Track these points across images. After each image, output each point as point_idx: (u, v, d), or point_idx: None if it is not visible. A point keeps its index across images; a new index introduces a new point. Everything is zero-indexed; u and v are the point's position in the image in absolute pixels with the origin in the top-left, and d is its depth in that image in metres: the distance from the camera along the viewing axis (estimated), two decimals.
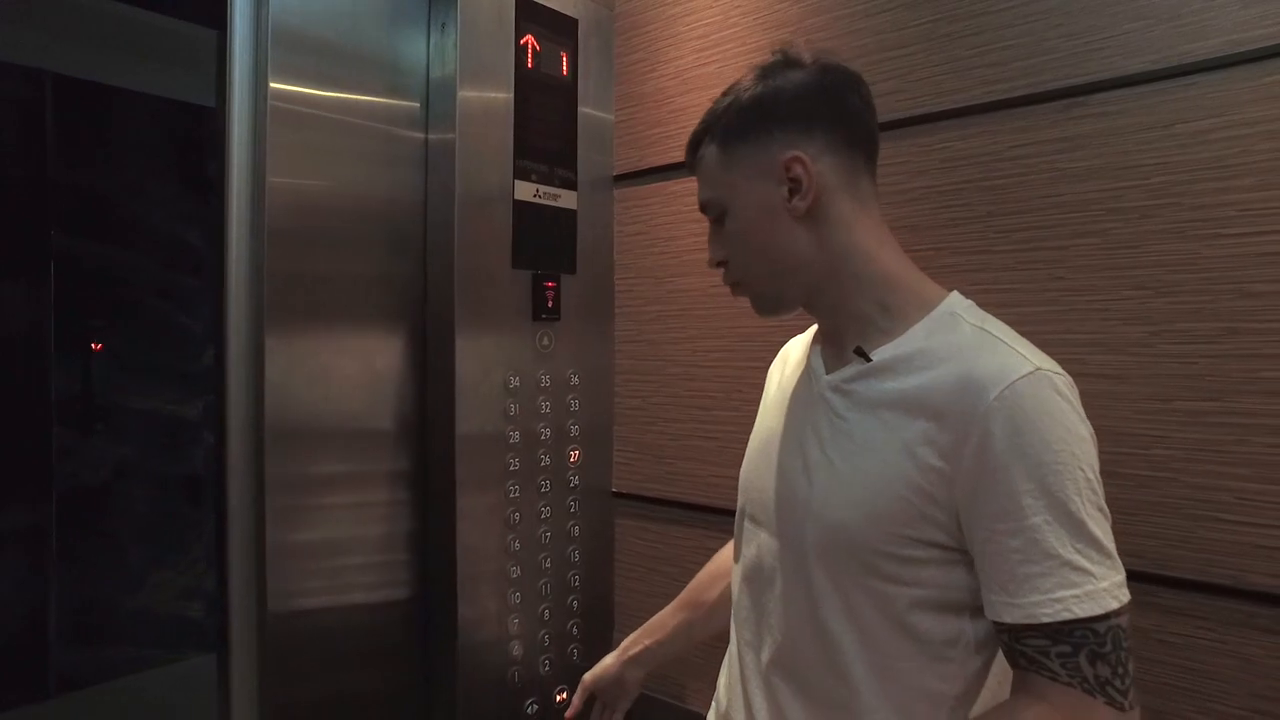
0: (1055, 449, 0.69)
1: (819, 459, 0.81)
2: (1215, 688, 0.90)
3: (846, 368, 0.82)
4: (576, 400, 1.41)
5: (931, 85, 1.10)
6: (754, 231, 0.83)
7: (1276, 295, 0.86)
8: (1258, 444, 0.87)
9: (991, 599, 0.71)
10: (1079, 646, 0.66)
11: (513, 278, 1.31)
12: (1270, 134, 0.87)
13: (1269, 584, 0.87)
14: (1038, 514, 0.68)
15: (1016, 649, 0.69)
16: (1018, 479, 0.68)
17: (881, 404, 0.77)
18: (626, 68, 1.47)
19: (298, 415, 1.14)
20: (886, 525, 0.74)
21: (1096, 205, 0.97)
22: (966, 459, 0.70)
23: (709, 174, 0.86)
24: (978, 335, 0.76)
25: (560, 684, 1.38)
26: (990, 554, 0.70)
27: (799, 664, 0.82)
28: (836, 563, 0.78)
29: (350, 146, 1.20)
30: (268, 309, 1.10)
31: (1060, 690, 0.67)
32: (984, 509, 0.70)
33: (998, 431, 0.69)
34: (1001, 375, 0.70)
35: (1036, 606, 0.67)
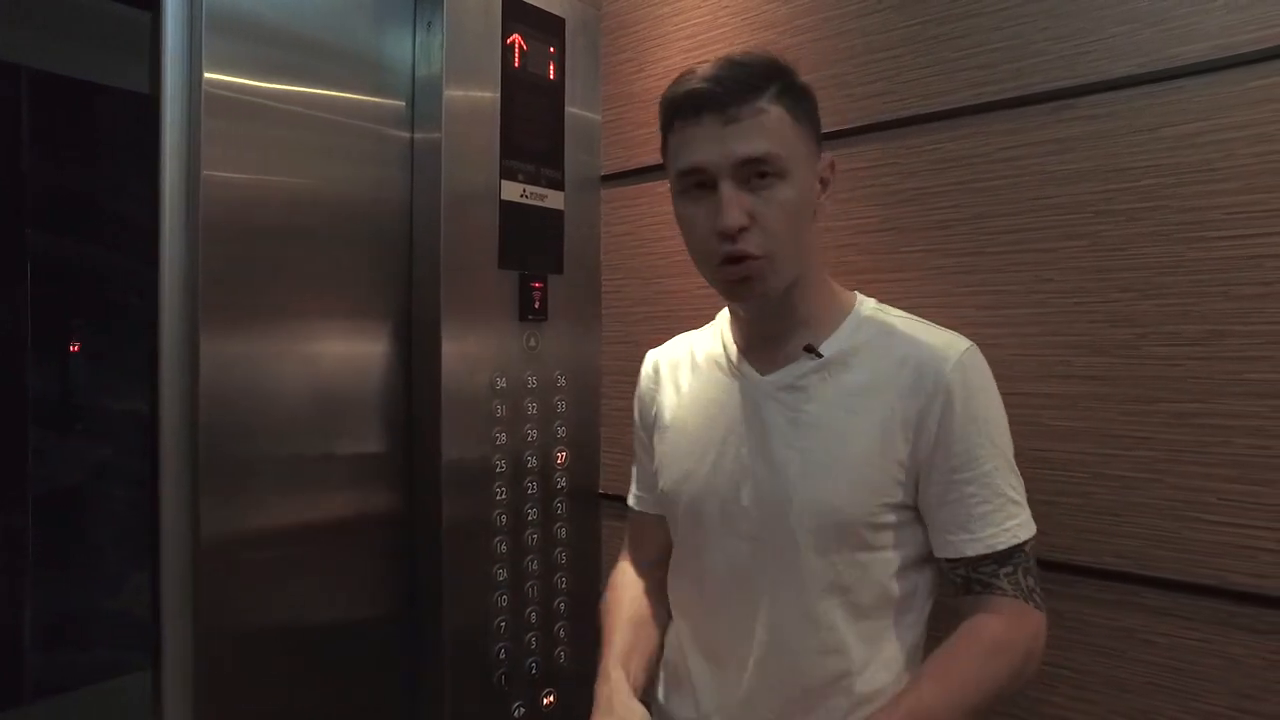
0: (997, 408, 0.88)
1: (787, 454, 0.88)
2: (1199, 686, 0.91)
3: (792, 366, 0.90)
4: (563, 401, 1.40)
5: (921, 87, 1.10)
6: (804, 204, 0.86)
7: (1262, 298, 0.87)
8: (1240, 445, 0.88)
9: (951, 539, 0.85)
10: (1017, 565, 0.84)
11: (499, 278, 1.30)
12: (1256, 138, 0.87)
13: (1251, 584, 0.88)
14: (989, 461, 0.84)
15: (972, 577, 0.85)
16: (973, 435, 0.84)
17: (845, 394, 0.87)
18: (614, 67, 1.46)
19: (240, 418, 1.07)
20: (872, 498, 0.85)
21: (1085, 208, 0.97)
22: (931, 425, 0.84)
23: (776, 130, 0.82)
24: (904, 322, 0.91)
25: (547, 687, 1.37)
26: (951, 501, 0.84)
27: (791, 653, 0.87)
28: (830, 543, 0.86)
29: (326, 143, 1.18)
30: (202, 307, 1.03)
31: (1007, 602, 0.83)
32: (946, 464, 0.84)
33: (957, 399, 0.84)
34: (947, 352, 0.86)
35: (993, 537, 0.83)
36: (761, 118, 0.82)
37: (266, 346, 1.11)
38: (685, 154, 0.85)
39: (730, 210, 0.81)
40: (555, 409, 1.39)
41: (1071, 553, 0.97)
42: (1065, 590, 0.98)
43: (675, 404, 1.01)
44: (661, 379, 1.05)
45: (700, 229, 0.86)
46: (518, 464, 1.33)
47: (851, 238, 1.17)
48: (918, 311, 1.09)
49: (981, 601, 0.84)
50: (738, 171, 0.82)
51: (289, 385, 1.14)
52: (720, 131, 0.82)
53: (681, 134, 0.85)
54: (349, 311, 1.21)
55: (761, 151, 0.81)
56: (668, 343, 1.10)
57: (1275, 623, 0.86)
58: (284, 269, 1.13)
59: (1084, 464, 0.97)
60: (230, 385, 1.07)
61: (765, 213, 0.82)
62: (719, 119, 0.82)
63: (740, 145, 0.81)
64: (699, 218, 0.86)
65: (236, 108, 1.07)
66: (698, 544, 0.96)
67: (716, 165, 0.82)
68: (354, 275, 1.22)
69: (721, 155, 0.82)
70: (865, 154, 1.15)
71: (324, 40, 1.17)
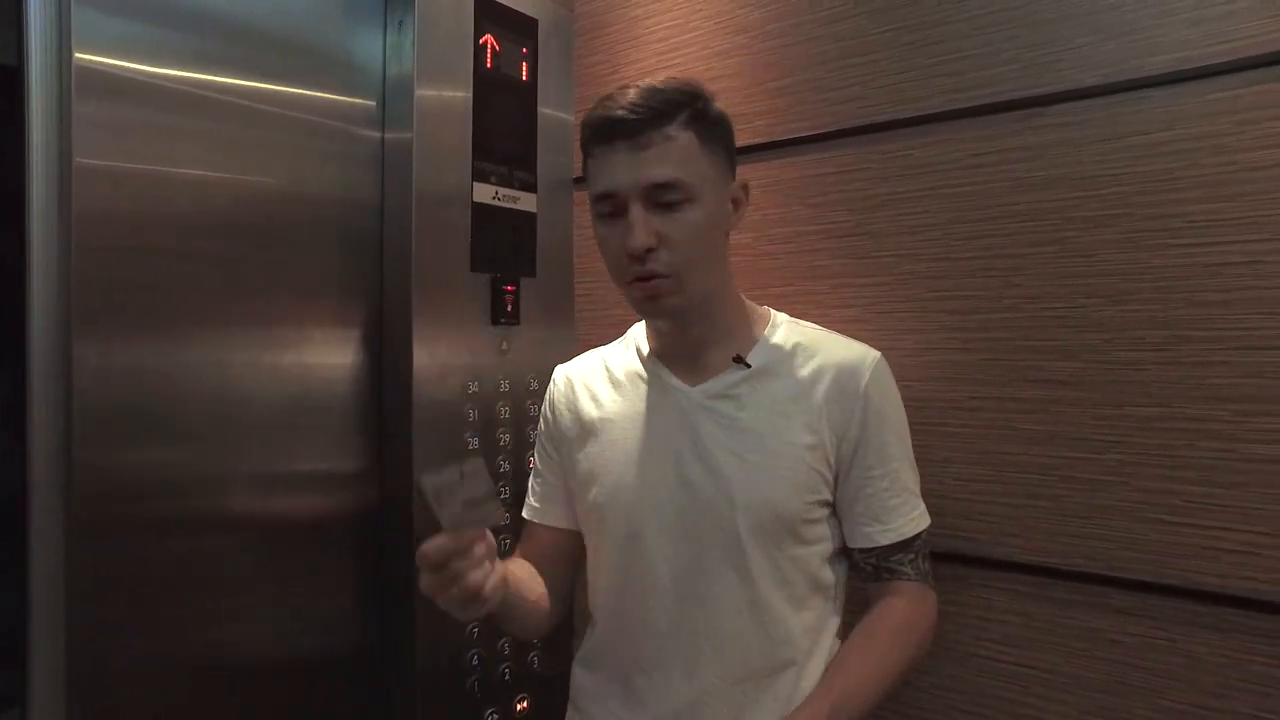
0: (901, 411, 0.98)
1: (726, 459, 0.93)
2: (1164, 685, 0.93)
3: (721, 376, 0.96)
4: (536, 406, 1.39)
5: (894, 93, 1.11)
6: (711, 227, 0.90)
7: (1222, 305, 0.89)
8: (1204, 449, 0.90)
9: (866, 530, 0.94)
10: (918, 552, 0.95)
11: (471, 281, 1.29)
12: (1216, 148, 0.90)
13: (1215, 584, 0.90)
14: (896, 459, 0.94)
15: (882, 566, 0.94)
16: (885, 436, 0.94)
17: (775, 401, 0.94)
18: (587, 69, 1.46)
19: (116, 420, 0.98)
20: (804, 495, 0.92)
21: (1054, 215, 0.99)
22: (852, 429, 0.93)
23: (683, 156, 0.87)
24: (820, 335, 1.00)
25: (521, 692, 1.36)
26: (865, 495, 0.93)
27: (743, 647, 0.92)
28: (770, 538, 0.92)
29: (284, 140, 1.15)
30: (74, 312, 0.94)
31: (911, 585, 0.94)
32: (863, 462, 0.93)
33: (873, 405, 0.93)
34: (863, 361, 0.95)
35: (902, 526, 0.93)
36: (669, 144, 0.86)
37: (196, 353, 1.05)
38: (600, 179, 0.90)
39: (637, 233, 0.86)
40: (528, 413, 1.38)
41: (1044, 555, 0.99)
42: (1038, 593, 1.00)
43: (597, 416, 1.03)
44: (576, 392, 1.07)
45: (613, 249, 0.90)
46: (491, 468, 1.31)
47: (823, 242, 1.17)
48: (888, 316, 1.11)
49: (888, 587, 0.95)
50: (646, 195, 0.86)
51: (229, 393, 1.09)
52: (631, 158, 0.86)
53: (597, 159, 0.90)
54: (309, 316, 1.18)
55: (668, 177, 0.86)
56: (576, 358, 1.13)
57: (1237, 622, 0.88)
58: (232, 270, 1.09)
59: (1055, 467, 0.98)
60: (113, 396, 0.97)
61: (672, 234, 0.87)
62: (630, 145, 0.86)
63: (648, 171, 0.86)
64: (612, 238, 0.90)
65: (146, 94, 1.00)
66: (631, 551, 0.97)
67: (626, 190, 0.87)
68: (318, 278, 1.19)
69: (630, 180, 0.86)
70: (838, 158, 1.16)
71: (277, 33, 1.14)
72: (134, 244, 1.00)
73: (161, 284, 1.02)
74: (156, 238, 1.02)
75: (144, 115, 1.01)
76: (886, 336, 1.10)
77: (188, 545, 1.05)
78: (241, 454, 1.11)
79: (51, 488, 0.94)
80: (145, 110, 1.01)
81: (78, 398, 0.94)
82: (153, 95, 1.02)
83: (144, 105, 1.01)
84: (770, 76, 1.23)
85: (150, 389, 1.01)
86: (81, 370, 0.95)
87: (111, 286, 0.98)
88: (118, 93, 0.98)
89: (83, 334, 0.95)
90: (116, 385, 0.98)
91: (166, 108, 1.03)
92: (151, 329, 1.02)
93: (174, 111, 1.03)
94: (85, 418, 0.95)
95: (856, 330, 1.12)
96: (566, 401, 1.08)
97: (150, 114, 1.01)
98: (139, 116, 1.00)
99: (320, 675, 1.21)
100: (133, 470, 1.00)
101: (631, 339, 1.07)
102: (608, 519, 0.99)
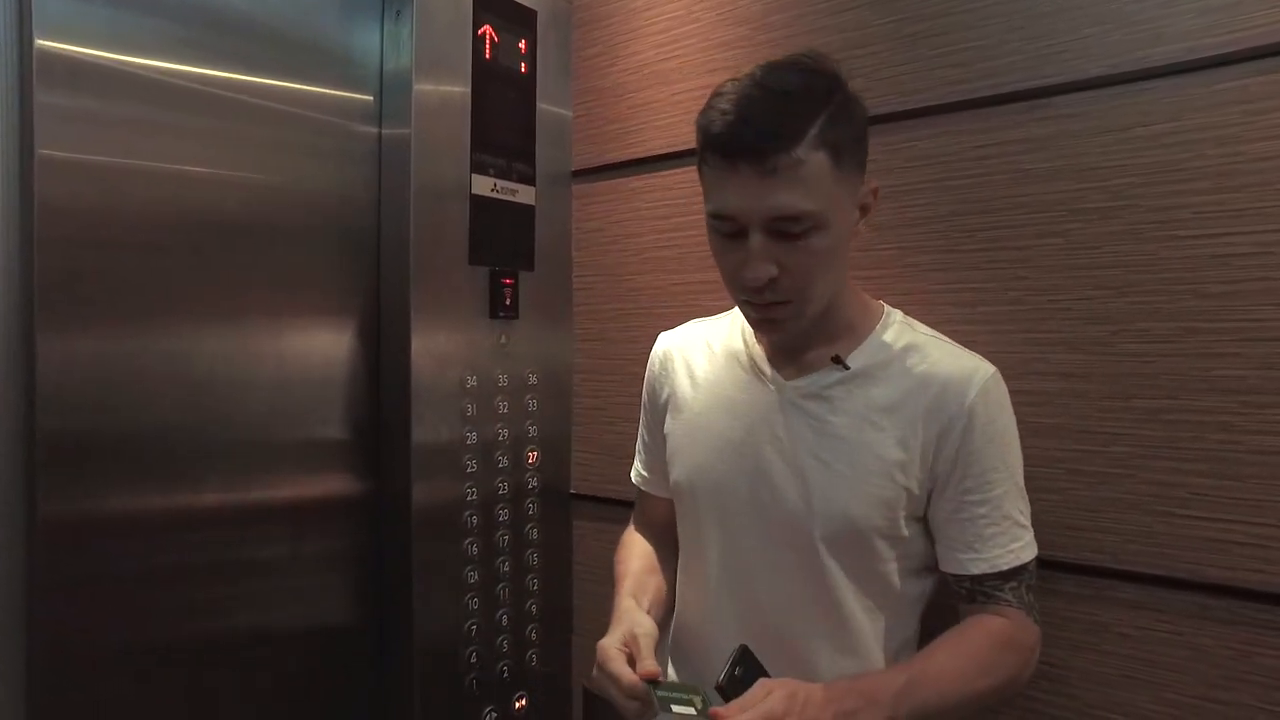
0: (1013, 434, 0.90)
1: (810, 463, 0.89)
2: (1170, 678, 0.92)
3: (817, 374, 0.91)
4: (535, 400, 1.38)
5: (896, 84, 1.10)
6: (839, 251, 0.84)
7: (1229, 296, 0.89)
8: (1212, 441, 0.90)
9: (959, 556, 0.87)
10: (1020, 581, 0.87)
11: (469, 274, 1.27)
12: (1221, 139, 0.89)
13: (1223, 576, 0.89)
14: (1000, 486, 0.87)
15: (978, 590, 0.87)
16: (989, 459, 0.86)
17: (870, 409, 0.88)
18: (585, 61, 1.44)
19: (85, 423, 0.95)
20: (888, 511, 0.87)
21: (1059, 206, 0.98)
22: (949, 446, 0.86)
23: (814, 183, 0.77)
24: (930, 341, 0.92)
25: (519, 690, 1.34)
26: (960, 520, 0.87)
27: (810, 655, 0.89)
28: (847, 548, 0.88)
29: (278, 136, 1.13)
30: (38, 305, 0.91)
31: (1012, 610, 0.86)
32: (960, 485, 0.86)
33: (977, 424, 0.86)
34: (972, 377, 0.87)
35: (998, 558, 0.86)
36: (800, 170, 0.76)
37: (176, 348, 1.03)
38: (718, 197, 0.81)
39: (757, 266, 0.80)
40: (527, 408, 1.37)
41: (1051, 549, 0.98)
42: (1045, 587, 0.98)
43: (691, 393, 1.00)
44: (674, 364, 1.04)
45: (729, 266, 0.84)
46: (489, 464, 1.30)
47: None
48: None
49: (986, 609, 0.87)
50: (771, 224, 0.79)
51: (217, 389, 1.07)
52: (755, 184, 0.77)
53: (715, 174, 0.81)
54: (305, 309, 1.17)
55: (798, 210, 0.77)
56: (680, 328, 1.09)
57: (1246, 614, 0.88)
58: (221, 265, 1.07)
59: (1061, 460, 0.98)
60: (80, 390, 0.95)
61: (797, 263, 0.80)
62: (755, 169, 0.76)
63: (775, 201, 0.77)
64: (728, 257, 0.83)
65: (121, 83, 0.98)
66: (710, 538, 0.96)
67: (748, 216, 0.79)
68: (311, 274, 1.18)
69: (754, 209, 0.78)
70: None
71: (264, 21, 1.12)
72: (105, 238, 0.97)
73: (136, 280, 0.99)
74: (131, 233, 0.99)
75: (118, 106, 0.97)
76: None
77: (161, 542, 1.03)
78: (233, 451, 1.09)
79: (12, 487, 0.91)
80: (119, 101, 0.98)
81: (41, 391, 0.91)
82: (127, 85, 0.98)
83: (117, 96, 0.97)
84: None
85: (128, 385, 0.99)
86: (47, 365, 0.92)
87: (78, 280, 0.94)
88: (87, 82, 0.95)
89: (46, 327, 0.92)
90: (83, 379, 0.95)
91: (143, 99, 1.00)
92: (125, 324, 0.99)
93: (152, 103, 1.01)
94: (48, 411, 0.92)
95: None
96: (665, 371, 1.05)
97: (125, 105, 0.98)
98: (112, 108, 0.97)
99: (316, 673, 1.20)
100: (106, 464, 0.97)
101: (737, 317, 1.01)
102: (684, 500, 0.99)
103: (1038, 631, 0.88)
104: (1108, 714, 0.95)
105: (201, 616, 1.06)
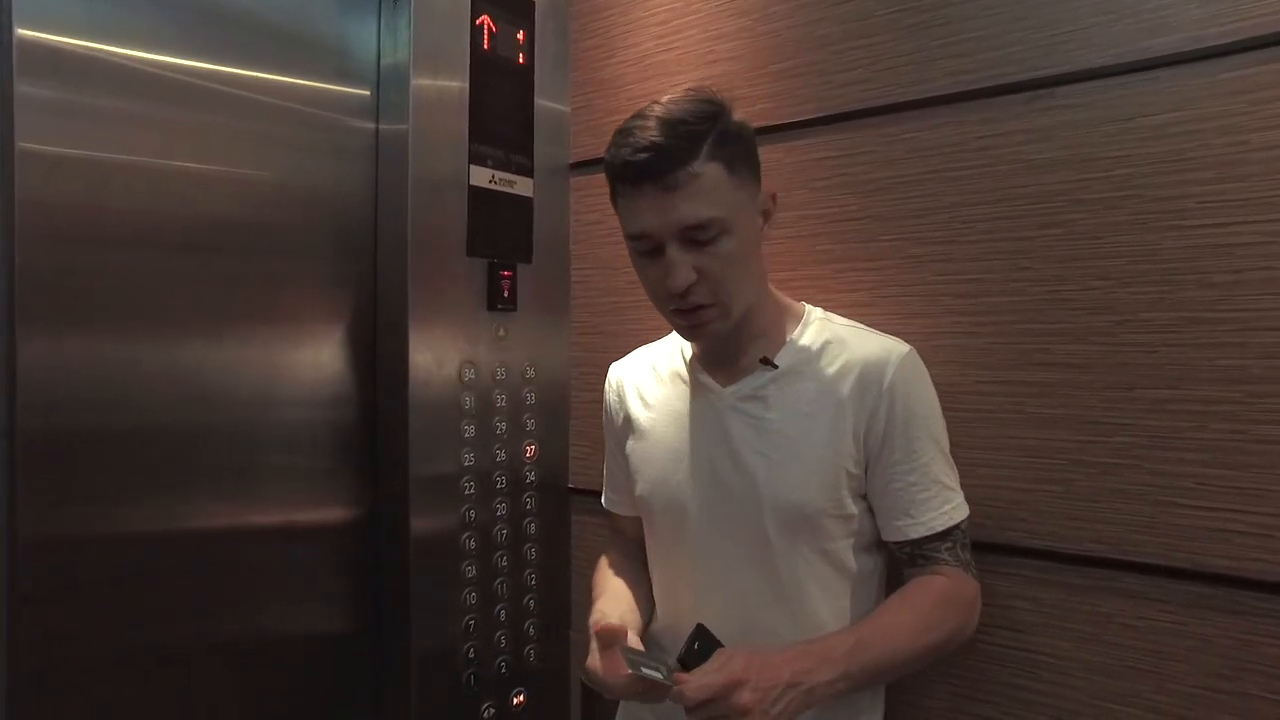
0: (933, 405, 0.97)
1: (754, 459, 0.95)
2: (1174, 668, 0.92)
3: (750, 378, 0.98)
4: (533, 394, 1.37)
5: (897, 75, 1.10)
6: (748, 253, 0.92)
7: (1234, 285, 0.89)
8: (1215, 430, 0.90)
9: (896, 524, 0.94)
10: (955, 541, 0.94)
11: (468, 266, 1.26)
12: (1226, 129, 0.89)
13: (1226, 566, 0.89)
14: (926, 454, 0.93)
15: (917, 554, 0.94)
16: (912, 431, 0.93)
17: (801, 401, 0.95)
18: (583, 53, 1.43)
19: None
20: (832, 493, 0.93)
21: (1061, 197, 0.98)
22: (877, 425, 0.93)
23: (713, 191, 0.87)
24: (848, 331, 0.99)
25: (517, 686, 1.33)
26: (894, 490, 0.93)
27: (775, 642, 0.90)
28: (799, 534, 0.94)
29: (263, 127, 1.11)
30: (19, 304, 0.89)
31: (950, 569, 0.93)
32: (890, 457, 0.93)
33: (898, 401, 0.93)
34: (888, 358, 0.94)
35: (932, 520, 0.93)
36: (698, 181, 0.86)
37: (164, 348, 1.01)
38: (632, 220, 0.90)
39: (678, 273, 0.87)
40: (525, 401, 1.36)
41: (1054, 540, 0.98)
42: (1048, 578, 0.99)
43: (644, 414, 1.08)
44: (626, 390, 1.13)
45: (653, 282, 0.93)
46: (487, 458, 1.29)
47: (826, 226, 1.16)
48: (894, 300, 1.10)
49: (927, 569, 0.94)
50: (682, 234, 0.87)
51: (210, 387, 1.05)
52: (661, 200, 0.86)
53: (626, 200, 0.90)
54: (299, 305, 1.16)
55: (700, 218, 0.86)
56: (628, 357, 1.18)
57: (1248, 604, 0.88)
58: (211, 264, 1.05)
59: (1064, 451, 0.98)
60: (60, 391, 0.92)
61: (711, 267, 0.88)
62: (658, 187, 0.86)
63: (680, 212, 0.86)
64: (651, 274, 0.92)
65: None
66: (675, 544, 1.03)
67: (659, 232, 0.88)
68: (306, 270, 1.16)
69: (664, 223, 0.87)
70: (840, 142, 1.14)
71: (258, 11, 1.10)
72: (90, 235, 0.94)
73: (123, 278, 0.97)
74: (118, 230, 0.97)
75: (103, 99, 0.95)
76: (892, 321, 1.09)
77: (151, 544, 1.01)
78: (222, 447, 1.08)
79: None
80: (104, 94, 0.95)
81: (22, 391, 0.89)
82: (113, 77, 0.96)
83: (103, 88, 0.95)
84: (772, 60, 1.21)
85: (115, 385, 0.96)
86: (27, 364, 0.89)
87: (61, 278, 0.92)
88: (70, 73, 0.92)
89: (27, 325, 0.89)
90: (67, 379, 0.93)
91: (130, 92, 0.97)
92: (111, 323, 0.96)
93: (139, 96, 0.98)
94: (29, 413, 0.89)
95: (861, 315, 1.11)
96: (619, 399, 1.14)
97: (110, 98, 0.96)
98: (97, 100, 0.94)
99: (316, 667, 1.19)
100: (92, 467, 0.94)
101: (676, 338, 1.10)
102: (651, 513, 1.06)
103: (976, 586, 0.95)
104: (1112, 705, 0.95)
105: (194, 612, 1.05)
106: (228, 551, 1.08)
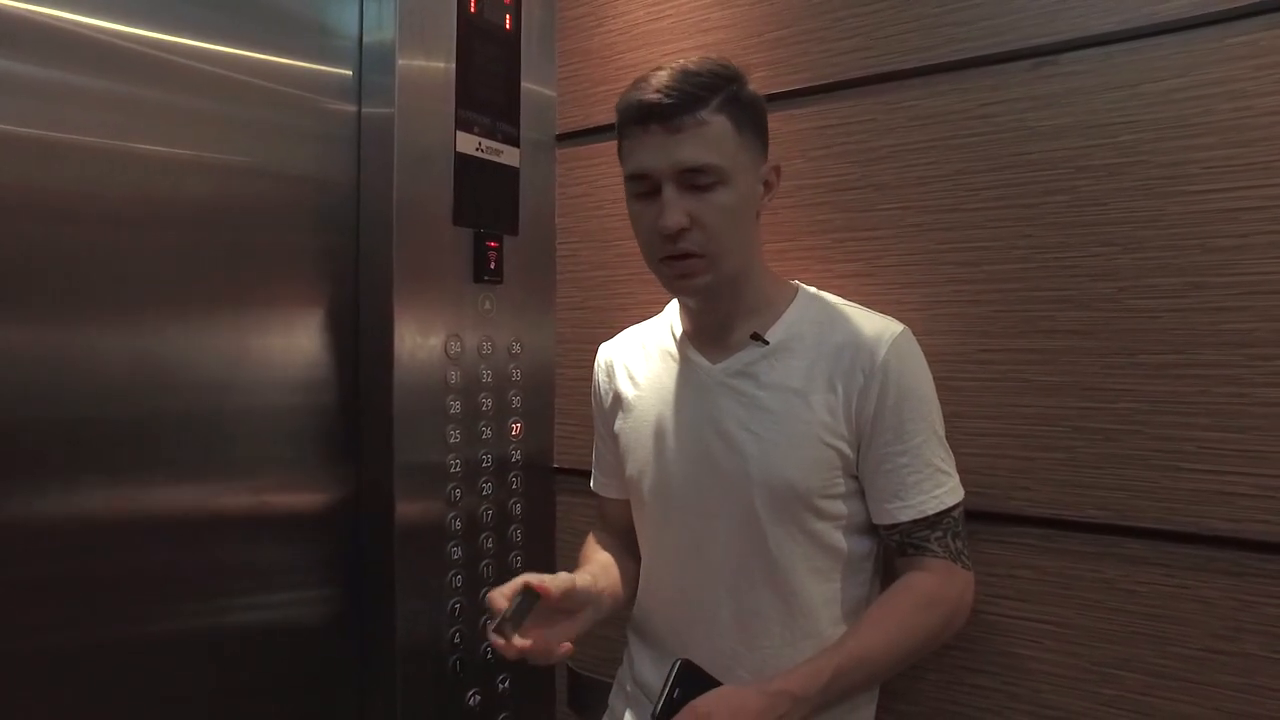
0: (927, 386, 0.95)
1: (743, 436, 0.94)
2: (1176, 631, 0.93)
3: (740, 354, 0.96)
4: (518, 370, 1.33)
5: (899, 43, 1.08)
6: (742, 209, 0.91)
7: (1238, 250, 0.89)
8: (1218, 394, 0.90)
9: (887, 506, 0.92)
10: (946, 529, 0.92)
11: (454, 235, 1.22)
12: (1231, 94, 0.89)
13: (1228, 528, 0.90)
14: (918, 435, 0.92)
15: (906, 541, 0.93)
16: (905, 412, 0.91)
17: (792, 378, 0.94)
18: (571, 22, 1.39)
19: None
20: (822, 471, 0.92)
21: (1065, 164, 0.98)
22: (868, 404, 0.91)
23: (717, 141, 0.88)
24: (841, 309, 0.98)
25: (503, 673, 1.29)
26: (885, 471, 0.92)
27: (761, 618, 0.93)
28: (788, 513, 0.92)
29: (238, 110, 1.07)
30: None
31: (938, 562, 0.92)
32: (880, 438, 0.92)
33: (891, 380, 0.91)
34: (881, 336, 0.93)
35: (923, 503, 0.91)
36: (703, 128, 0.87)
37: (128, 335, 0.96)
38: (633, 160, 0.91)
39: (670, 213, 0.87)
40: (511, 378, 1.32)
41: (1056, 507, 0.98)
42: (1050, 545, 0.98)
43: (634, 394, 1.07)
44: (616, 372, 1.11)
45: (646, 227, 0.91)
46: (472, 435, 1.24)
47: (825, 195, 1.14)
48: (894, 269, 1.09)
49: (914, 562, 0.93)
50: (680, 178, 0.88)
51: (185, 376, 1.01)
52: (665, 140, 0.87)
53: (631, 141, 0.91)
54: (277, 288, 1.11)
55: (701, 161, 0.87)
56: (617, 337, 1.16)
57: (1250, 565, 0.89)
58: (182, 249, 1.00)
59: (1066, 417, 0.97)
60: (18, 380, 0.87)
61: (705, 215, 0.88)
62: (664, 129, 0.87)
63: (682, 154, 0.87)
64: (645, 217, 0.91)
65: None
66: (664, 523, 1.02)
67: (660, 171, 0.88)
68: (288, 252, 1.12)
69: (665, 163, 0.87)
70: (841, 110, 1.13)
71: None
72: (47, 219, 0.88)
73: (85, 264, 0.91)
74: (77, 215, 0.90)
75: (56, 72, 0.88)
76: (893, 290, 1.08)
77: (107, 536, 0.95)
78: (204, 421, 1.02)
79: None
80: (57, 66, 0.88)
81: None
82: (68, 48, 0.89)
83: (56, 60, 0.88)
84: (768, 27, 1.19)
85: (72, 375, 0.90)
86: None
87: (17, 263, 0.86)
88: (20, 42, 0.85)
89: None
90: (25, 367, 0.86)
91: (86, 65, 0.90)
92: (74, 311, 0.90)
93: (97, 70, 0.91)
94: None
95: (861, 284, 1.10)
96: (608, 378, 1.12)
97: (64, 71, 0.88)
98: (49, 74, 0.87)
99: (299, 655, 1.13)
100: (59, 460, 0.89)
101: (667, 317, 1.09)
102: (640, 492, 1.03)
103: (967, 576, 0.94)
104: (1115, 670, 0.95)
105: (161, 605, 0.99)
106: (193, 543, 1.02)
